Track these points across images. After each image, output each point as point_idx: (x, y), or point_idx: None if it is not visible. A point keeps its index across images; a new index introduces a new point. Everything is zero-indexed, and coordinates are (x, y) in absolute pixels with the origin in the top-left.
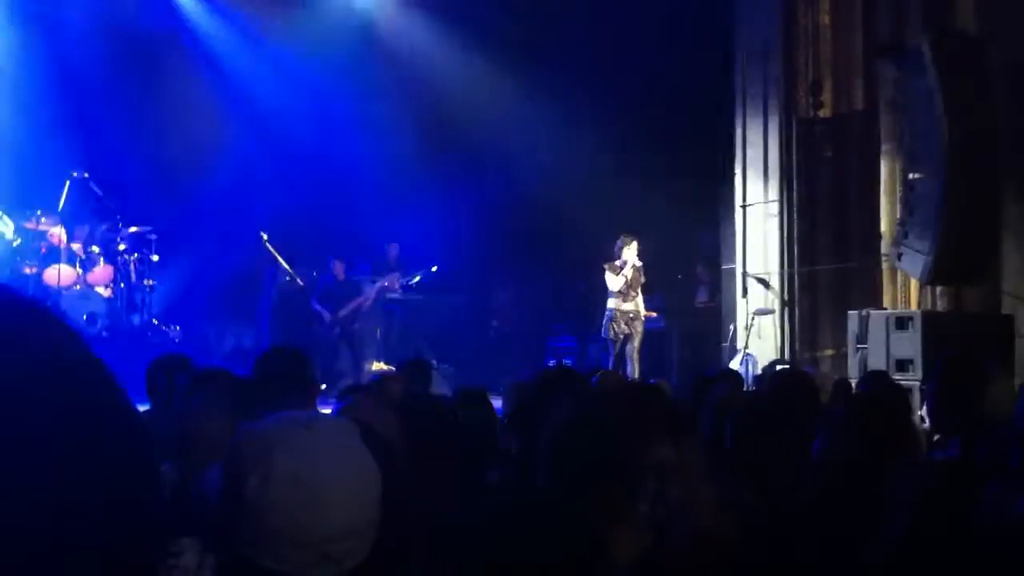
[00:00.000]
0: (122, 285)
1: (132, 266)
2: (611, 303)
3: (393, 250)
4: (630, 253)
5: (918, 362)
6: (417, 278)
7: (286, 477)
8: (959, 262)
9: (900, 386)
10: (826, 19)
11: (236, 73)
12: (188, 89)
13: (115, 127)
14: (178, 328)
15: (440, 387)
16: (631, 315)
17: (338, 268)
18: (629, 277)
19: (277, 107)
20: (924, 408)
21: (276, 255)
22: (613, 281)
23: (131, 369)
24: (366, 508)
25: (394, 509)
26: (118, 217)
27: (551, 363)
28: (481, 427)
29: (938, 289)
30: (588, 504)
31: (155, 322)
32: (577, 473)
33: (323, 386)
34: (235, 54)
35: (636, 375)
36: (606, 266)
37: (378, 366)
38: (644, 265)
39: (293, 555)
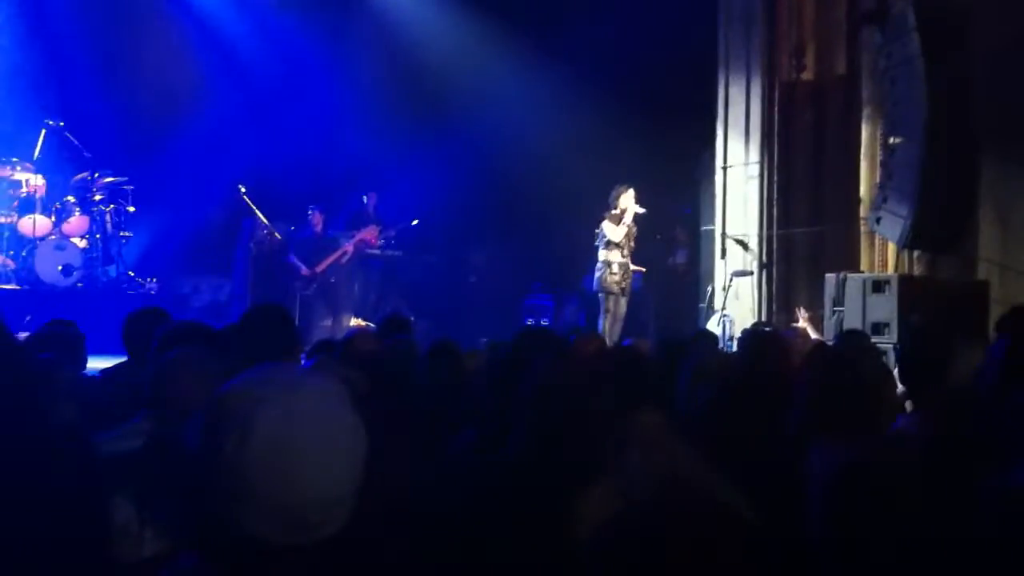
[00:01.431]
0: (97, 236)
1: (108, 217)
2: (607, 255)
3: (371, 199)
4: (628, 200)
5: (893, 325)
6: (369, 231)
7: (266, 438)
8: (937, 228)
9: (876, 348)
10: None
11: (215, 23)
12: (166, 39)
13: (91, 77)
14: (154, 280)
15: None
16: (626, 268)
17: (317, 220)
18: (630, 227)
19: (256, 59)
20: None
21: (254, 208)
22: (614, 231)
23: (106, 321)
24: (347, 476)
25: (373, 477)
26: (94, 167)
27: (528, 322)
28: (451, 385)
29: (915, 254)
30: (560, 467)
31: (131, 274)
32: (550, 435)
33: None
34: (215, 4)
35: (617, 336)
36: (605, 216)
37: (355, 321)
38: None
39: (269, 518)
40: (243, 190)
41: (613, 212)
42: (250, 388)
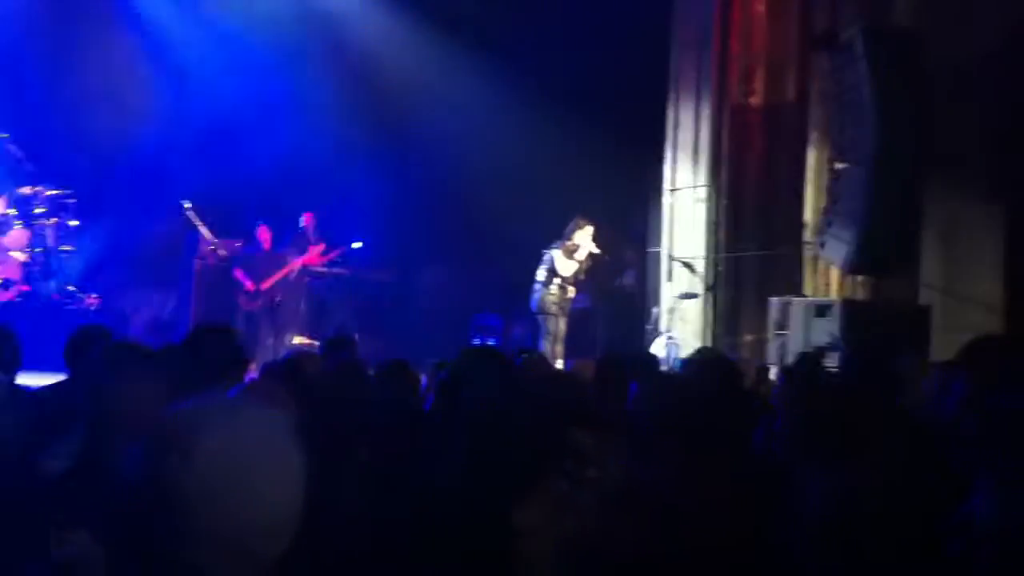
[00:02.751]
0: (38, 250)
1: (49, 231)
2: (545, 277)
3: (308, 221)
4: (584, 238)
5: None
6: (318, 249)
7: (209, 459)
8: (881, 253)
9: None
10: (761, 8)
11: (165, 36)
12: (114, 51)
13: (36, 89)
14: (96, 296)
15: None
16: (564, 289)
17: (264, 235)
18: (582, 264)
19: (205, 73)
20: None
21: (198, 223)
22: (564, 265)
23: (45, 336)
24: (289, 502)
25: (318, 501)
26: (36, 180)
27: (476, 341)
28: (399, 405)
29: (858, 278)
30: (502, 488)
31: (72, 289)
32: (493, 456)
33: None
34: (163, 17)
35: (560, 357)
36: (558, 248)
37: (300, 340)
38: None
39: (210, 546)
40: (187, 205)
41: (567, 244)
42: (192, 415)
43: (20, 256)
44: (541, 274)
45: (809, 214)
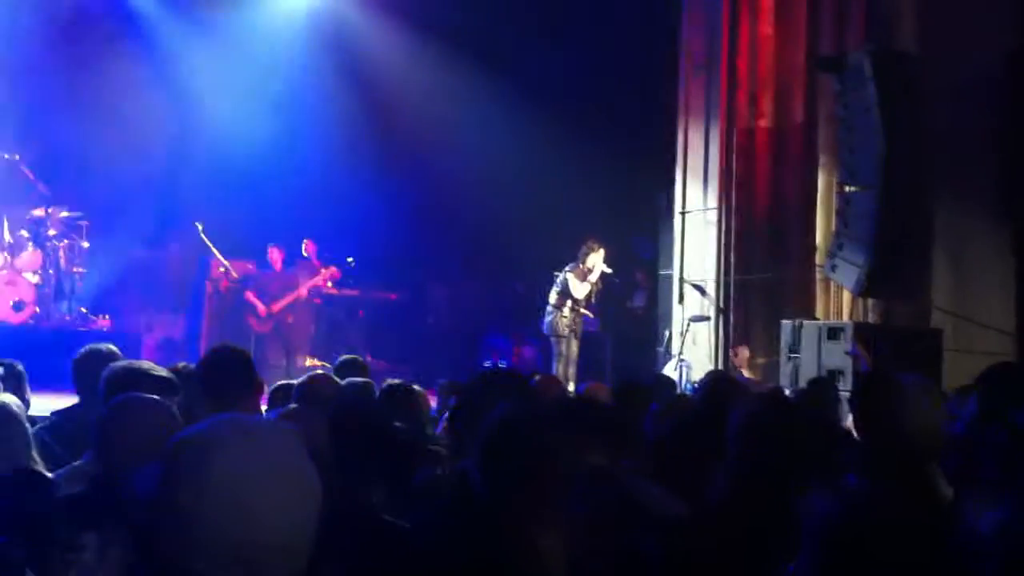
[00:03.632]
0: (51, 272)
1: (61, 252)
2: (558, 300)
3: (309, 247)
4: (597, 260)
5: (848, 373)
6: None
7: (223, 486)
8: (891, 276)
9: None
10: (769, 31)
11: (174, 60)
12: (125, 74)
13: (48, 110)
14: (107, 318)
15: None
16: (577, 312)
17: (276, 257)
18: (594, 286)
19: (214, 94)
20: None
21: (210, 245)
22: (577, 288)
23: (57, 358)
24: (304, 524)
25: (330, 524)
26: (49, 202)
27: (487, 363)
28: (410, 428)
29: (870, 301)
30: (520, 508)
31: (83, 310)
32: (509, 476)
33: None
34: (174, 39)
35: (572, 378)
36: (570, 271)
37: (311, 361)
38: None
39: (227, 567)
40: (200, 227)
41: (580, 267)
42: (206, 435)
43: (32, 278)
44: (553, 296)
45: (820, 237)
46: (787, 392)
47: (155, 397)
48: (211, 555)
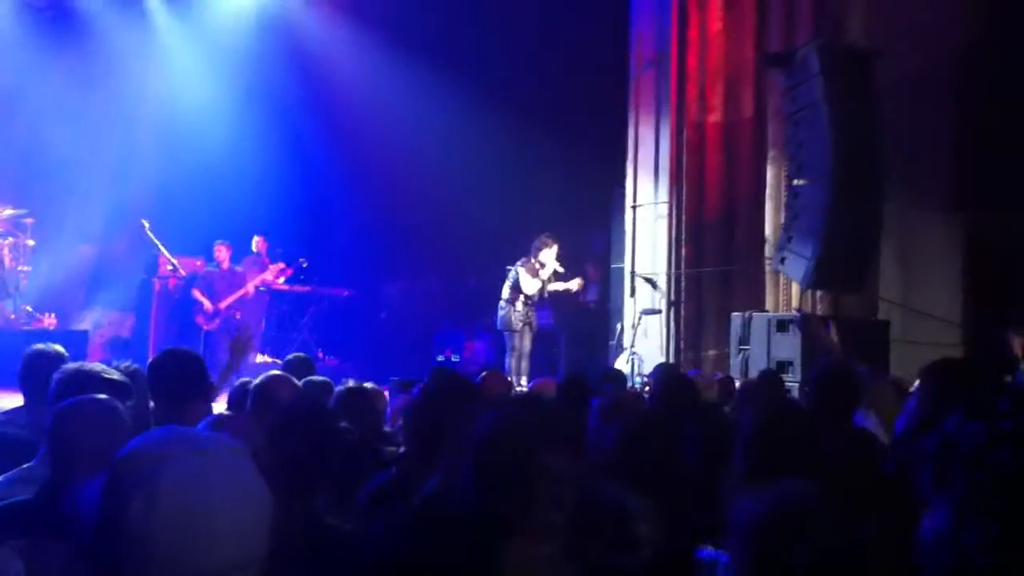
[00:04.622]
0: None
1: (6, 250)
2: (511, 295)
3: (260, 244)
4: (549, 257)
5: (797, 364)
6: (277, 268)
7: (172, 503)
8: (839, 269)
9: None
10: (718, 26)
11: (121, 57)
12: (73, 70)
13: None
14: (53, 316)
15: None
16: (529, 306)
17: (223, 253)
18: (545, 282)
19: (163, 89)
20: None
21: (157, 243)
22: (528, 283)
23: (2, 358)
24: (254, 539)
25: (282, 538)
26: None
27: (439, 358)
28: (363, 430)
29: (818, 293)
30: (509, 517)
31: (29, 309)
32: (502, 486)
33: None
34: (121, 36)
35: (525, 372)
36: (521, 266)
37: (261, 359)
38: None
39: None
40: (146, 225)
41: (531, 262)
42: (153, 450)
43: None
44: (506, 291)
45: (769, 230)
46: (737, 383)
47: (110, 400)
48: (161, 574)
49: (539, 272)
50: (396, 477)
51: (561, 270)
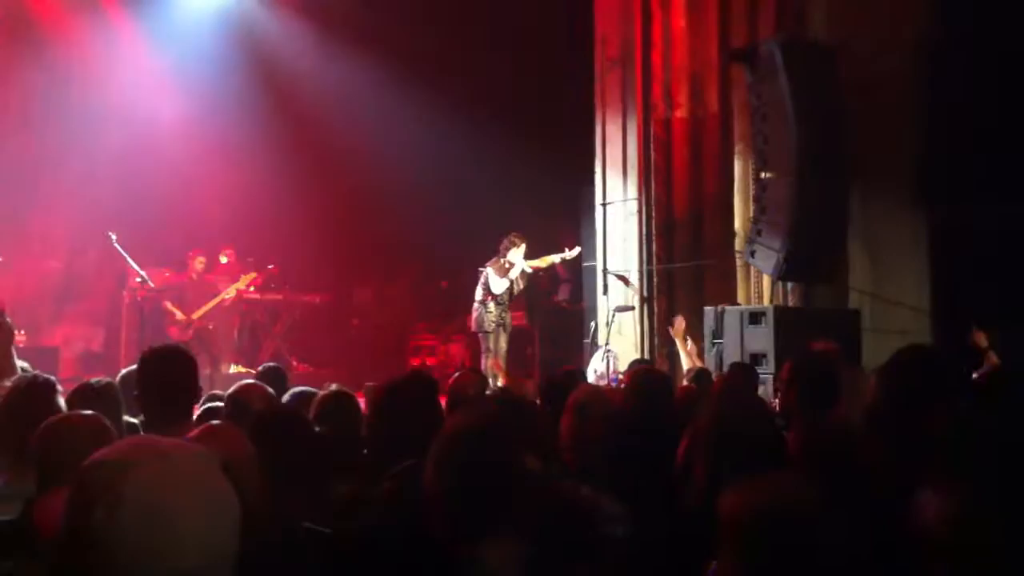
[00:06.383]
0: None
1: None
2: (484, 296)
3: (229, 255)
4: (517, 257)
5: (771, 356)
6: (249, 277)
7: (136, 508)
8: (809, 260)
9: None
10: (682, 23)
11: (85, 65)
12: (34, 81)
13: None
14: (22, 333)
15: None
16: (504, 305)
17: (194, 263)
18: (515, 282)
19: (129, 99)
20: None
21: (125, 255)
22: (496, 283)
23: None
24: (222, 543)
25: (252, 542)
26: None
27: (414, 361)
28: (340, 435)
29: (789, 285)
30: (470, 513)
31: None
32: (470, 489)
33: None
34: (85, 41)
35: (501, 373)
36: (490, 266)
37: (235, 368)
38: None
39: None
40: (114, 237)
41: (500, 262)
42: (118, 457)
43: None
44: (479, 292)
45: (738, 223)
46: (713, 376)
47: (97, 415)
48: None
49: (508, 272)
50: (369, 479)
51: (529, 270)
